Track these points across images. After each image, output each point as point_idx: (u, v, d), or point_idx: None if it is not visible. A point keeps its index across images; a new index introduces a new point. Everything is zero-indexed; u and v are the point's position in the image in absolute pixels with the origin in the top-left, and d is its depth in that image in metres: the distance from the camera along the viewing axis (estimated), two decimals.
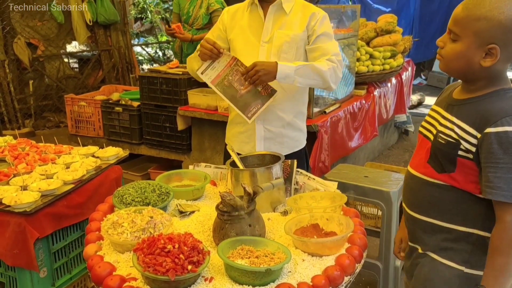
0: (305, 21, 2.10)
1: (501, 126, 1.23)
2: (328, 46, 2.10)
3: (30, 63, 5.97)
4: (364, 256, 1.58)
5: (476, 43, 1.27)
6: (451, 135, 1.35)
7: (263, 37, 2.12)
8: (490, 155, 1.25)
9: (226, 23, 2.21)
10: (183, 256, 1.36)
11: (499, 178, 1.24)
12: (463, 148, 1.31)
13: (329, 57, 2.06)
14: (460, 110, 1.36)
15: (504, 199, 1.24)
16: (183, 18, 4.58)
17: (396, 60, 4.40)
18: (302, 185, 2.04)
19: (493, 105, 1.29)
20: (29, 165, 2.27)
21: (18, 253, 1.89)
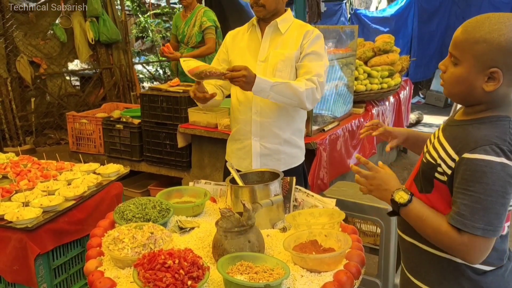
0: (299, 40, 2.16)
1: (478, 153, 1.18)
2: (313, 65, 2.12)
3: (32, 81, 6.04)
4: (362, 272, 1.59)
5: (477, 67, 1.21)
6: (433, 155, 1.32)
7: (259, 57, 2.18)
8: (462, 181, 1.20)
9: (228, 45, 2.30)
10: (183, 271, 1.37)
11: (465, 206, 1.19)
12: (440, 171, 1.29)
13: (311, 77, 2.08)
14: (450, 132, 1.34)
15: (464, 228, 1.19)
16: (179, 37, 4.70)
17: (393, 79, 4.46)
18: (301, 202, 2.06)
19: (478, 131, 1.24)
20: (31, 181, 2.30)
21: (18, 269, 1.90)
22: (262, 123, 2.21)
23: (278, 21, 2.16)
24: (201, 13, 4.61)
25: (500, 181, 1.17)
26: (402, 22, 9.05)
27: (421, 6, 8.97)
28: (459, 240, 1.22)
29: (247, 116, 2.22)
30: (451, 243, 1.24)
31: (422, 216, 1.30)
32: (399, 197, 1.32)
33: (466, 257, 1.25)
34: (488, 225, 1.18)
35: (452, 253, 1.29)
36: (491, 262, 1.31)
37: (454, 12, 8.78)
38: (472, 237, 1.20)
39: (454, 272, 1.34)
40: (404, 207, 1.32)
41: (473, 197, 1.19)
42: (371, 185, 1.41)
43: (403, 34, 8.94)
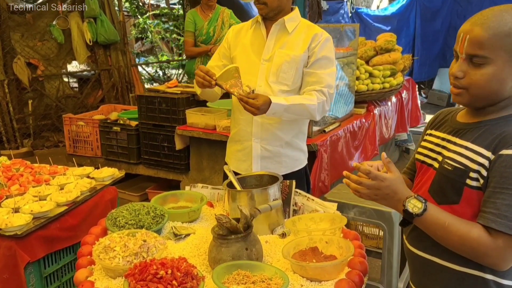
0: (307, 42, 2.08)
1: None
2: (324, 75, 2.07)
3: (30, 83, 5.98)
4: (365, 281, 1.52)
5: (511, 61, 1.15)
6: (461, 161, 1.21)
7: (263, 55, 2.11)
8: (503, 180, 1.12)
9: (230, 41, 2.22)
10: (176, 282, 1.31)
11: (508, 206, 1.10)
12: (473, 176, 1.19)
13: (321, 89, 2.05)
14: (473, 134, 1.24)
15: (508, 231, 1.10)
16: (201, 38, 4.53)
17: (396, 78, 4.39)
18: (301, 206, 1.99)
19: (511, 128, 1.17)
20: (22, 186, 2.23)
21: (8, 278, 1.84)
22: (264, 124, 2.14)
23: (286, 20, 2.09)
24: (227, 15, 4.54)
25: None
26: (404, 20, 8.98)
27: (423, 5, 8.90)
28: (493, 245, 1.13)
29: (248, 117, 2.15)
30: (483, 249, 1.14)
31: (443, 223, 1.18)
32: (413, 207, 1.19)
33: (498, 263, 1.15)
34: None
35: (481, 260, 1.17)
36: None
37: (456, 11, 8.71)
38: (508, 240, 1.11)
39: None
40: (419, 217, 1.19)
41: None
42: (376, 195, 1.24)
43: (406, 33, 8.87)
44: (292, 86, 2.10)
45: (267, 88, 2.10)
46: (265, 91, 2.09)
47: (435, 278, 1.32)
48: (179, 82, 6.00)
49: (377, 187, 1.22)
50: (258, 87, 2.11)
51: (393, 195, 1.22)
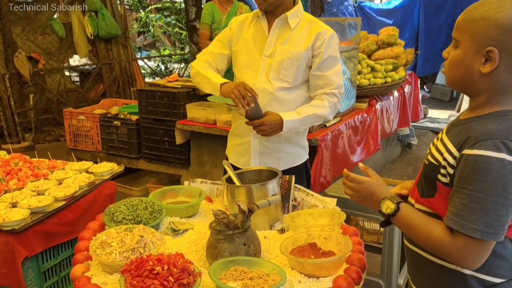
0: (311, 39, 2.05)
1: (478, 148, 1.09)
2: (333, 76, 2.07)
3: (31, 77, 5.97)
4: (363, 277, 1.51)
5: (474, 47, 1.15)
6: (436, 157, 1.23)
7: (265, 51, 2.08)
8: (462, 179, 1.12)
9: (234, 32, 2.17)
10: (173, 278, 1.30)
11: (463, 206, 1.11)
12: (443, 172, 1.20)
13: (332, 91, 2.06)
14: (454, 131, 1.24)
15: (462, 230, 1.11)
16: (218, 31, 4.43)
17: (398, 73, 4.35)
18: (301, 201, 1.97)
19: (481, 126, 1.15)
20: (20, 181, 2.22)
21: (6, 272, 1.83)
22: None
23: (288, 15, 2.05)
24: (245, 10, 4.51)
25: (500, 179, 1.07)
26: (408, 14, 8.90)
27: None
28: (453, 245, 1.14)
29: None
30: (444, 248, 1.16)
31: (412, 223, 1.23)
32: (386, 207, 1.26)
33: (461, 262, 1.17)
34: (488, 227, 1.09)
35: (447, 258, 1.20)
36: (502, 273, 1.21)
37: (460, 5, 8.62)
38: (467, 240, 1.11)
39: (460, 284, 1.24)
40: (392, 217, 1.25)
41: (471, 196, 1.10)
42: (358, 197, 1.35)
43: (409, 27, 8.80)
44: (292, 83, 2.08)
45: (268, 84, 2.07)
46: (265, 87, 2.07)
47: (422, 271, 1.35)
48: (181, 76, 5.98)
49: (356, 189, 1.34)
50: (258, 83, 2.08)
51: (371, 196, 1.31)
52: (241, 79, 2.13)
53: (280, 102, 2.08)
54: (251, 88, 1.98)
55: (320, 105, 2.06)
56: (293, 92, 2.10)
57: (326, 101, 2.06)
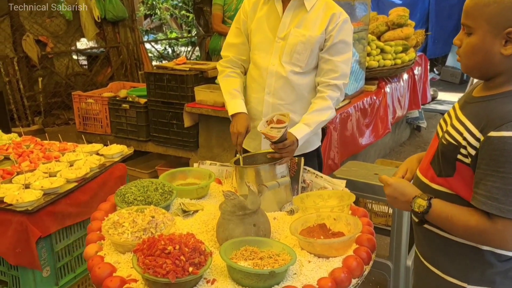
0: (325, 22, 1.99)
1: (505, 130, 1.10)
2: (340, 63, 2.01)
3: (39, 60, 5.98)
4: (372, 257, 1.52)
5: (491, 31, 1.14)
6: (455, 136, 1.22)
7: (279, 33, 2.03)
8: (493, 162, 1.12)
9: (247, 13, 2.13)
10: (184, 257, 1.32)
11: (497, 189, 1.11)
12: (464, 152, 1.20)
13: (336, 83, 2.00)
14: (471, 109, 1.24)
15: (499, 213, 1.12)
16: (229, 14, 4.36)
17: (408, 54, 4.30)
18: (310, 183, 1.98)
19: (503, 106, 1.15)
20: (32, 163, 2.25)
21: (21, 252, 1.87)
22: (274, 105, 2.09)
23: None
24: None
25: None
26: None
27: None
28: (493, 229, 1.14)
29: (259, 96, 2.11)
30: (485, 235, 1.17)
31: (446, 216, 1.23)
32: (418, 206, 1.26)
33: (503, 245, 1.18)
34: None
35: (487, 244, 1.21)
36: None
37: None
38: (507, 222, 1.12)
39: (478, 260, 1.26)
40: (426, 214, 1.25)
41: (505, 179, 1.11)
42: (389, 197, 1.35)
43: (420, 8, 8.61)
44: (305, 68, 2.04)
45: (280, 67, 2.04)
46: (278, 70, 2.04)
47: (436, 247, 1.35)
48: (188, 59, 5.96)
49: (386, 193, 1.34)
50: (271, 65, 2.05)
51: (401, 197, 1.30)
52: (255, 61, 2.11)
53: (293, 87, 2.05)
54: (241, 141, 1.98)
55: (325, 107, 2.00)
56: (306, 76, 2.07)
57: (330, 101, 1.99)
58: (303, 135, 1.94)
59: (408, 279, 2.70)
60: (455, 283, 1.30)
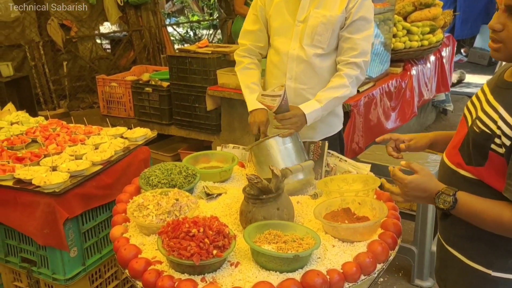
0: (345, 1, 1.95)
1: None
2: (360, 40, 1.96)
3: (64, 45, 6.05)
4: (398, 243, 1.50)
5: None
6: (488, 124, 1.15)
7: (298, 16, 2.00)
8: None
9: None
10: (208, 240, 1.32)
11: None
12: (498, 142, 1.13)
13: (355, 61, 1.95)
14: (504, 95, 1.16)
15: None
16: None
17: (435, 35, 4.17)
18: (333, 167, 1.96)
19: None
20: (59, 145, 2.28)
21: (49, 233, 1.91)
22: (296, 89, 2.07)
23: None
24: None
25: None
26: None
27: None
28: None
29: (281, 81, 2.08)
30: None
31: (475, 211, 1.18)
32: (443, 202, 1.20)
33: None
34: None
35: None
36: None
37: None
38: None
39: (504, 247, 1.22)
40: (452, 209, 1.20)
41: None
42: (408, 197, 1.27)
43: None
44: (327, 49, 2.01)
45: (301, 51, 2.01)
46: (299, 54, 2.01)
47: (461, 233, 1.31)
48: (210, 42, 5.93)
49: (405, 192, 1.25)
50: (292, 50, 2.02)
51: (423, 194, 1.23)
52: (274, 47, 2.09)
53: (315, 70, 2.03)
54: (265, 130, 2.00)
55: (340, 85, 1.96)
56: (328, 58, 2.04)
57: (346, 79, 1.96)
58: (311, 110, 1.92)
59: (432, 264, 2.67)
60: (479, 269, 1.27)
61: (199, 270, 1.32)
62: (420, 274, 2.71)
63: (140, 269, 1.36)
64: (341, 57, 2.00)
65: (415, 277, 2.74)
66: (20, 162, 2.11)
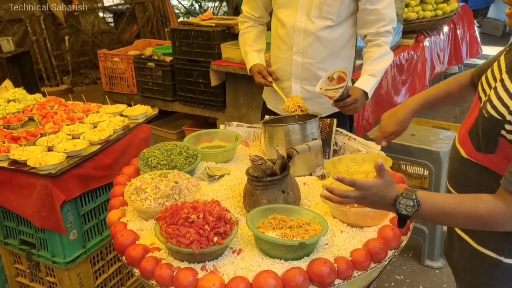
0: None
1: None
2: (386, 9, 1.89)
3: (65, 18, 5.91)
4: (411, 227, 1.42)
5: None
6: (498, 108, 1.04)
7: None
8: None
9: None
10: (208, 227, 1.24)
11: None
12: (508, 128, 1.03)
13: (386, 29, 1.90)
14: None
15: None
16: None
17: (449, 4, 3.98)
18: (342, 146, 1.86)
19: None
20: (56, 124, 2.20)
21: (46, 215, 1.85)
22: (304, 64, 1.98)
23: None
24: None
25: None
26: None
27: None
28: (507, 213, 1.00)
29: (287, 56, 2.00)
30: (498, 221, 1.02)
31: (444, 211, 1.05)
32: (405, 207, 1.06)
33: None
34: None
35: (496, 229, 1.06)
36: None
37: None
38: None
39: None
40: (416, 213, 1.06)
41: None
42: (364, 203, 1.14)
43: None
44: (337, 20, 1.90)
45: (309, 24, 1.91)
46: (306, 27, 1.91)
47: None
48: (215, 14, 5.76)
49: (363, 197, 1.11)
50: (298, 22, 1.92)
51: (382, 200, 1.11)
52: (280, 19, 1.99)
53: (322, 43, 1.93)
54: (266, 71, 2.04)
55: (384, 53, 1.92)
56: (337, 30, 1.93)
57: (386, 45, 1.92)
58: (371, 87, 1.89)
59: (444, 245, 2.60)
60: (490, 255, 1.19)
61: (199, 258, 1.24)
62: (430, 254, 2.64)
63: (137, 256, 1.29)
64: (369, 30, 1.93)
65: (426, 258, 2.67)
66: (16, 142, 2.03)
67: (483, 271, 1.22)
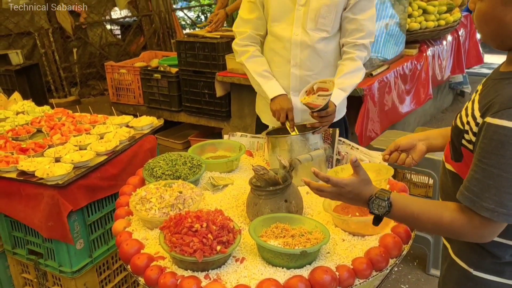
0: None
1: (499, 118, 0.94)
2: (365, 21, 1.90)
3: (73, 31, 6.01)
4: (412, 236, 1.42)
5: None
6: (462, 119, 1.08)
7: (299, 0, 1.88)
8: (480, 151, 0.99)
9: None
10: (212, 236, 1.27)
11: (477, 181, 0.99)
12: (467, 138, 1.05)
13: (363, 42, 1.90)
14: (487, 88, 1.06)
15: (472, 207, 0.99)
16: None
17: (452, 15, 4.00)
18: (345, 155, 1.88)
19: (510, 89, 0.98)
20: (64, 135, 2.24)
21: (53, 225, 1.88)
22: (302, 77, 1.97)
23: None
24: None
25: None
26: None
27: None
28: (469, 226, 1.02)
29: (285, 69, 1.98)
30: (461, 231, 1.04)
31: (412, 214, 1.08)
32: (377, 207, 1.10)
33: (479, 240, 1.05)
34: (500, 207, 0.96)
35: (464, 239, 1.07)
36: None
37: None
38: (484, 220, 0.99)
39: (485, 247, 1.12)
40: (388, 214, 1.10)
41: (486, 171, 0.97)
42: (339, 199, 1.20)
43: None
44: (332, 31, 1.92)
45: (305, 36, 1.90)
46: (303, 40, 1.91)
47: None
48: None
49: (338, 193, 1.16)
50: (294, 36, 1.91)
51: (357, 198, 1.15)
52: (274, 33, 1.96)
53: (319, 55, 1.94)
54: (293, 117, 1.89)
55: (357, 69, 1.91)
56: (332, 41, 1.95)
57: (359, 61, 1.91)
58: (340, 100, 1.87)
59: None
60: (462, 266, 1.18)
61: (202, 266, 1.26)
62: (436, 263, 2.64)
63: (142, 265, 1.31)
64: (347, 39, 1.93)
65: (431, 267, 2.66)
66: (24, 153, 2.07)
67: (458, 281, 1.21)
